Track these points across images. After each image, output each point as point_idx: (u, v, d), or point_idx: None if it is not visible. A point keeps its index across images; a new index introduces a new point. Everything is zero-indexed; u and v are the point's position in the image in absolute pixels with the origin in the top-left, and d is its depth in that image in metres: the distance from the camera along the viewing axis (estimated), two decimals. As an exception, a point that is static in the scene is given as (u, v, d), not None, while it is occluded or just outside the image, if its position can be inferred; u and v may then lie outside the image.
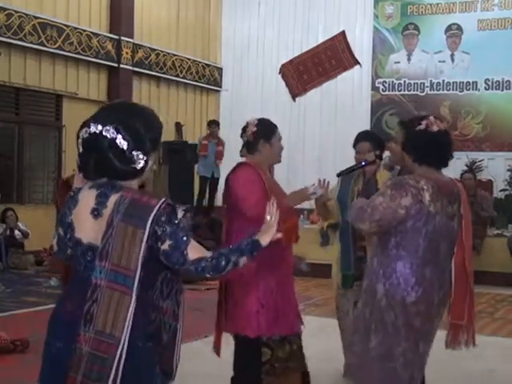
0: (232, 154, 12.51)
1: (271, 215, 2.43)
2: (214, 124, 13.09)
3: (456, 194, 3.16)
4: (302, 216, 10.68)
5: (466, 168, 11.83)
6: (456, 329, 3.20)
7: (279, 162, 4.35)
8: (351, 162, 4.51)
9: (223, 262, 2.28)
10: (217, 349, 4.26)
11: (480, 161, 12.43)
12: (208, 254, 2.29)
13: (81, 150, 2.36)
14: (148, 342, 2.34)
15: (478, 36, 12.92)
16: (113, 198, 2.29)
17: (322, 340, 6.12)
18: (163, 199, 2.29)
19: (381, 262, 3.12)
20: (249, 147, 4.28)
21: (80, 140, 2.35)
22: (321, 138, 13.96)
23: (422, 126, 3.11)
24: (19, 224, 10.76)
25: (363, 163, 4.27)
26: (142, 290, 2.26)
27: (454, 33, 13.15)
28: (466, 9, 13.04)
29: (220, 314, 4.20)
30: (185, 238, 2.27)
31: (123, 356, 2.22)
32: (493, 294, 9.17)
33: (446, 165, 3.20)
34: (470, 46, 12.97)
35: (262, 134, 4.23)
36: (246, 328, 4.12)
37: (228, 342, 4.54)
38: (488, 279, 9.70)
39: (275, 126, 4.32)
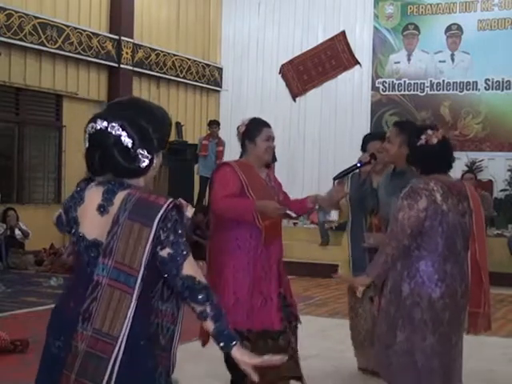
0: (232, 154, 12.50)
1: (250, 362, 2.43)
2: (214, 124, 13.09)
3: (464, 192, 3.40)
4: (301, 216, 10.68)
5: (466, 168, 11.83)
6: (475, 316, 3.43)
7: (266, 161, 4.38)
8: (351, 162, 4.53)
9: (201, 296, 2.22)
10: (203, 340, 4.24)
11: (480, 161, 12.43)
12: (200, 277, 2.23)
13: (87, 144, 2.31)
14: (149, 340, 2.30)
15: (477, 36, 12.92)
16: (120, 195, 2.24)
17: (321, 340, 6.12)
18: (171, 199, 2.22)
19: (404, 264, 3.34)
20: (241, 147, 4.39)
21: (86, 135, 2.30)
22: (321, 138, 13.95)
23: (423, 141, 3.37)
24: (20, 223, 10.76)
25: (358, 164, 4.29)
26: (143, 290, 2.21)
27: (454, 33, 13.15)
28: (466, 9, 13.04)
29: None
30: (184, 252, 2.21)
31: (119, 356, 2.16)
32: (493, 293, 9.05)
33: (450, 168, 3.47)
34: (470, 46, 12.97)
35: (246, 135, 4.31)
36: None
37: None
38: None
39: (263, 125, 4.35)
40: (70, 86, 11.96)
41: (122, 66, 12.61)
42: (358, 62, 8.67)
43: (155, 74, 13.43)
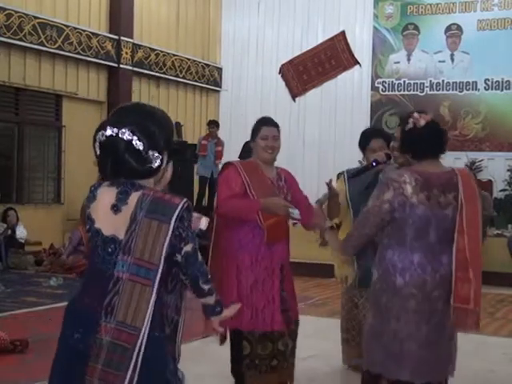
0: (232, 154, 12.49)
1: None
2: (213, 124, 13.09)
3: (453, 183, 3.28)
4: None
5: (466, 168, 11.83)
6: (461, 312, 3.28)
7: (266, 158, 4.35)
8: (351, 162, 4.50)
9: (210, 276, 2.47)
10: (221, 339, 4.34)
11: (480, 161, 12.43)
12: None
13: (98, 152, 2.44)
14: (162, 332, 2.42)
15: (477, 36, 12.92)
16: (134, 196, 2.39)
17: (320, 340, 6.12)
18: (185, 199, 2.40)
19: (377, 250, 3.39)
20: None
21: (97, 143, 2.43)
22: (320, 138, 13.96)
23: (410, 125, 3.32)
24: (20, 223, 10.75)
25: (373, 163, 4.18)
26: (159, 284, 2.35)
27: (453, 33, 13.15)
28: (465, 9, 13.04)
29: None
30: (196, 243, 2.42)
31: (143, 346, 2.31)
32: (493, 293, 9.17)
33: (442, 151, 3.38)
34: (470, 46, 12.97)
35: (251, 135, 4.39)
36: (228, 321, 4.20)
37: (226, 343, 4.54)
38: (488, 279, 9.65)
39: (262, 124, 4.37)
40: (69, 86, 11.95)
41: (121, 66, 12.60)
42: (357, 62, 8.64)
43: (155, 74, 13.43)
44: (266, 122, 4.38)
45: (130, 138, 2.38)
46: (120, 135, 2.38)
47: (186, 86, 14.40)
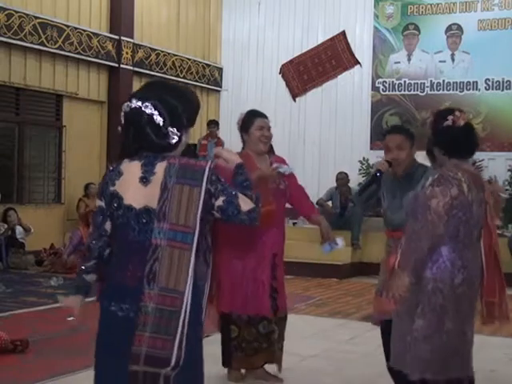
0: (232, 154, 12.48)
1: None
2: (213, 124, 13.07)
3: (482, 183, 3.39)
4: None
5: (466, 168, 11.84)
6: (490, 306, 3.38)
7: (261, 150, 4.52)
8: (351, 161, 4.51)
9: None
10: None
11: (480, 161, 12.40)
12: (253, 204, 2.49)
13: (122, 121, 2.52)
14: (196, 297, 2.46)
15: (478, 36, 12.91)
16: (160, 166, 2.45)
17: (321, 340, 6.12)
18: (210, 161, 2.48)
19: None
20: (241, 139, 4.62)
21: (122, 113, 2.52)
22: (321, 138, 13.94)
23: (449, 122, 3.29)
24: (20, 224, 10.74)
25: (377, 174, 4.12)
26: (197, 244, 2.40)
27: (454, 33, 13.14)
28: (466, 9, 13.03)
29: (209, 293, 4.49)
30: (234, 193, 2.44)
31: (188, 309, 2.36)
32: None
33: (473, 153, 3.42)
34: (471, 45, 12.96)
35: (241, 126, 4.55)
36: (220, 304, 4.44)
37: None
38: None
39: (256, 116, 4.54)
40: (70, 85, 11.95)
41: (122, 65, 12.60)
42: (358, 62, 8.67)
43: (155, 73, 13.41)
44: (259, 114, 4.57)
45: (151, 112, 2.46)
46: (143, 108, 2.46)
47: (186, 86, 14.38)
